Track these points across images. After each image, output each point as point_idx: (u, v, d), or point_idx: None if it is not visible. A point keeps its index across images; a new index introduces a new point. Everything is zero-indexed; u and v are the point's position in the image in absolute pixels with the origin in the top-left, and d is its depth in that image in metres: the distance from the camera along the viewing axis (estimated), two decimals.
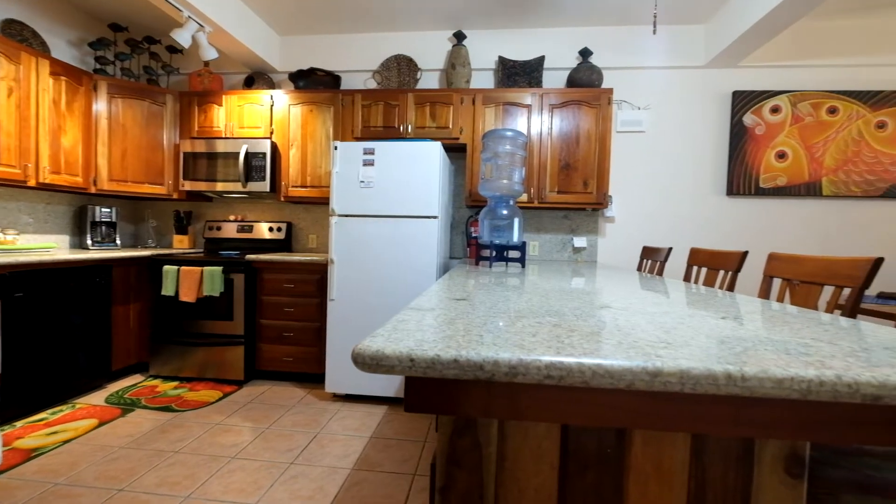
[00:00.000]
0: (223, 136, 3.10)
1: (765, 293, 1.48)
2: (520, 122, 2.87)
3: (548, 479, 0.62)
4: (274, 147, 3.04)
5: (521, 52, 3.17)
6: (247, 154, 2.98)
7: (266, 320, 2.79)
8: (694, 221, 3.13)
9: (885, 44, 2.91)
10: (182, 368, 2.78)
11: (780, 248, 3.07)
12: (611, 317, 0.82)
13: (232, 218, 3.41)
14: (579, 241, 3.16)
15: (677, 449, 0.60)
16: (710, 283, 1.90)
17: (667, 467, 0.61)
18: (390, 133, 2.94)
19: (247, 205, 3.48)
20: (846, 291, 2.77)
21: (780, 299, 1.44)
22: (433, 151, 2.44)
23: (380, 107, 2.95)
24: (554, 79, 3.18)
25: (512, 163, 2.18)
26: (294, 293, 2.76)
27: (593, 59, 3.11)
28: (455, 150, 3.18)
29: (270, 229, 3.32)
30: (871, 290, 3.00)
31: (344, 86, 3.36)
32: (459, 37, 3.06)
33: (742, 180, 3.03)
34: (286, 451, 1.94)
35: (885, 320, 2.08)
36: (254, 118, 3.08)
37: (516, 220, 2.17)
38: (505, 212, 2.17)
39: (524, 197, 2.88)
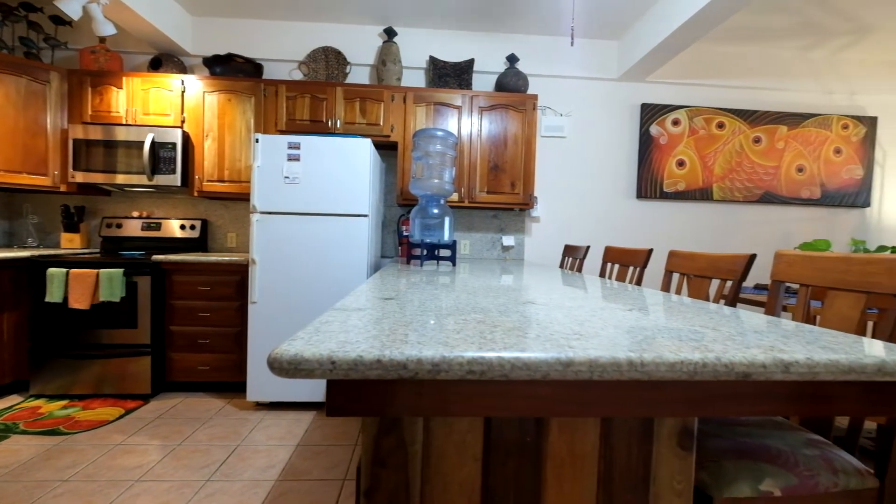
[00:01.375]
0: (124, 122, 2.77)
1: (666, 286, 1.65)
2: (450, 123, 2.91)
3: (472, 472, 0.63)
4: (186, 137, 2.78)
5: (451, 53, 3.22)
6: (153, 144, 2.70)
7: (177, 327, 2.55)
8: (609, 222, 3.39)
9: (760, 70, 3.38)
10: (73, 385, 2.44)
11: (681, 246, 3.45)
12: (532, 312, 0.86)
13: (136, 214, 3.06)
14: (508, 240, 3.28)
15: (589, 433, 0.65)
16: (621, 278, 2.08)
17: (580, 451, 0.65)
18: (318, 128, 2.83)
19: (154, 200, 3.15)
20: (729, 283, 3.19)
21: (679, 291, 1.62)
22: (363, 148, 2.39)
23: (306, 100, 2.82)
24: (483, 82, 3.27)
25: (443, 162, 2.21)
26: (210, 296, 2.55)
27: (520, 66, 3.25)
28: (386, 148, 3.14)
29: (182, 227, 3.03)
30: (750, 282, 3.48)
31: (267, 75, 3.17)
32: (390, 33, 3.03)
33: (649, 185, 3.34)
34: (201, 468, 1.79)
35: (759, 307, 2.42)
36: (162, 104, 2.79)
37: (447, 219, 2.20)
38: (436, 211, 2.19)
39: (455, 196, 2.93)
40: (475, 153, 2.93)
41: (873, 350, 0.64)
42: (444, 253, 2.94)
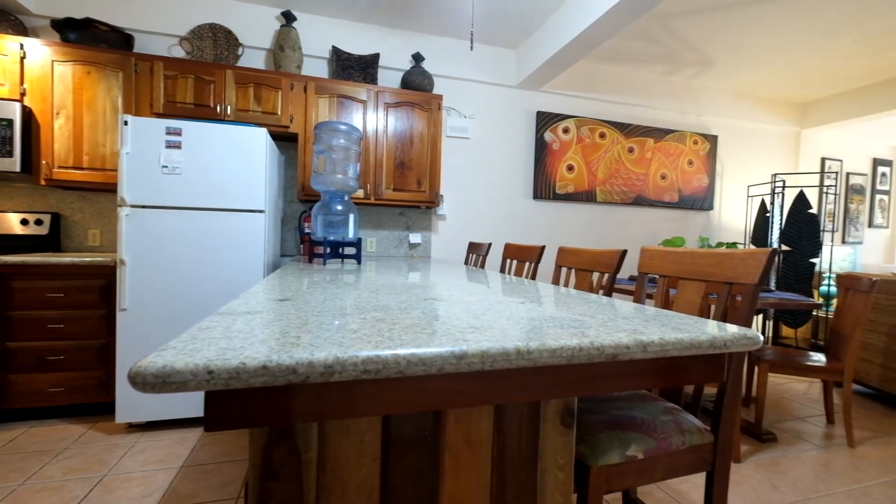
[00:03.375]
0: None
1: (556, 279, 1.81)
2: (355, 117, 2.84)
3: (370, 472, 0.63)
4: (28, 113, 2.30)
5: (356, 45, 3.13)
6: None
7: (19, 343, 2.11)
8: (509, 220, 3.61)
9: (633, 88, 3.87)
10: None
11: (572, 243, 3.80)
12: (432, 308, 0.88)
13: None
14: (415, 238, 3.31)
15: (483, 420, 0.69)
16: (519, 273, 2.22)
17: (475, 438, 0.68)
18: (204, 113, 2.55)
19: None
20: (607, 276, 3.61)
21: (567, 283, 1.78)
22: (258, 138, 2.22)
23: (189, 80, 2.52)
24: (388, 78, 3.24)
25: (347, 157, 2.14)
26: (65, 304, 2.15)
27: (425, 65, 3.28)
28: (285, 140, 2.95)
29: (25, 222, 2.51)
30: (626, 274, 3.97)
31: (139, 49, 2.76)
32: (289, 17, 2.84)
33: (544, 187, 3.63)
34: None
35: (631, 297, 2.77)
36: None
37: (352, 216, 2.14)
38: (340, 207, 2.11)
39: (360, 193, 2.86)
40: (381, 150, 2.90)
41: (708, 328, 0.77)
42: (349, 251, 2.86)
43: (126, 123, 2.02)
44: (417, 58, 3.09)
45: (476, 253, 2.79)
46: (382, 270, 1.81)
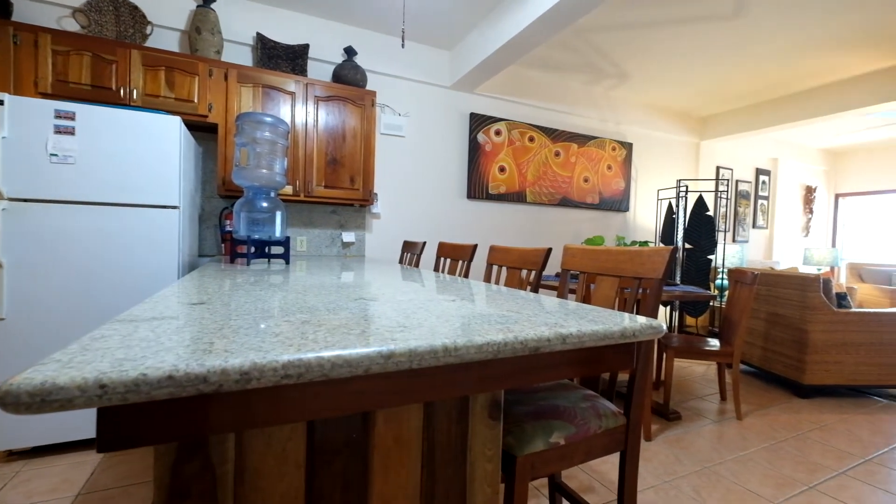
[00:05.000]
0: None
1: (488, 277, 1.86)
2: (283, 110, 2.70)
3: (294, 480, 0.60)
4: None
5: (283, 34, 2.98)
6: None
7: None
8: (444, 219, 3.65)
9: (559, 96, 4.09)
10: None
11: (504, 242, 3.93)
12: (362, 308, 0.87)
13: None
14: (348, 236, 3.22)
15: (413, 419, 0.69)
16: (452, 271, 2.26)
17: (405, 437, 0.68)
18: (104, 96, 2.27)
19: None
20: (534, 273, 3.79)
21: (498, 281, 1.84)
22: (172, 127, 2.03)
23: (85, 58, 2.23)
24: (319, 70, 3.12)
25: (273, 151, 2.03)
26: None
27: (358, 60, 3.21)
28: (203, 130, 2.73)
29: None
30: (552, 271, 4.20)
31: (20, 17, 2.39)
32: None
33: (477, 187, 3.72)
34: None
35: (555, 292, 2.94)
36: None
37: (279, 214, 2.03)
38: (265, 204, 2.00)
39: (289, 189, 2.73)
40: (311, 145, 2.79)
41: (619, 320, 0.84)
42: (276, 250, 2.72)
43: (2, 103, 1.74)
44: (350, 52, 3.01)
45: (411, 252, 2.78)
46: (313, 270, 1.74)
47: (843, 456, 2.10)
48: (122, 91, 2.30)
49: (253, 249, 1.95)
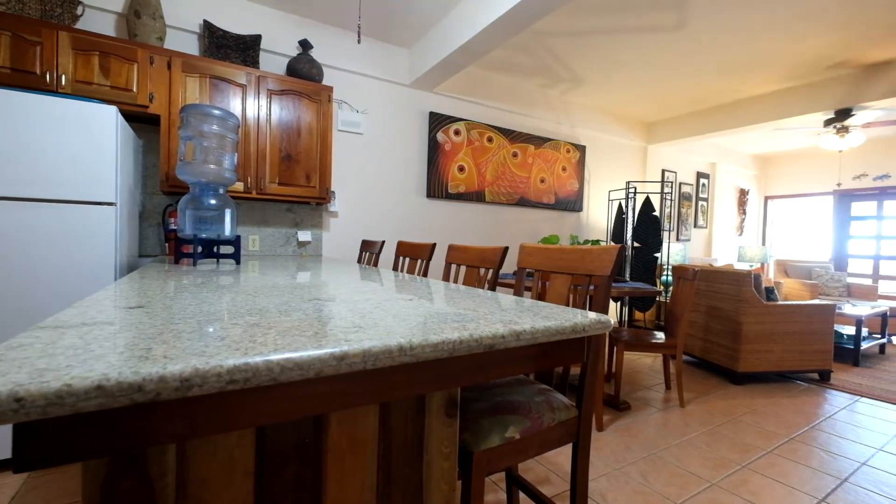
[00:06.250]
0: None
1: (446, 276, 1.87)
2: (233, 103, 2.57)
3: (242, 489, 0.58)
4: None
5: (233, 23, 2.84)
6: None
7: None
8: (404, 218, 3.63)
9: (516, 98, 4.18)
10: None
11: (463, 241, 3.96)
12: (316, 309, 0.84)
13: None
14: (304, 235, 3.13)
15: (368, 420, 0.68)
16: (411, 270, 2.25)
17: (360, 439, 0.67)
18: (25, 80, 2.07)
19: None
20: (491, 271, 3.86)
21: (456, 280, 1.86)
22: (107, 117, 1.88)
23: (4, 38, 2.02)
24: (272, 63, 3.01)
25: (221, 146, 1.93)
26: None
27: (314, 54, 3.12)
28: (143, 121, 2.55)
29: None
30: (510, 269, 4.28)
31: None
32: None
33: (436, 186, 3.72)
34: None
35: (510, 289, 3.01)
36: None
37: (228, 211, 1.94)
38: (213, 201, 1.90)
39: (240, 186, 2.61)
40: (264, 140, 2.68)
41: (570, 316, 0.87)
42: (226, 250, 2.59)
43: None
44: (305, 45, 2.92)
45: (369, 251, 2.75)
46: (266, 270, 1.68)
47: (772, 436, 2.30)
48: (48, 76, 2.10)
49: (200, 249, 1.85)
